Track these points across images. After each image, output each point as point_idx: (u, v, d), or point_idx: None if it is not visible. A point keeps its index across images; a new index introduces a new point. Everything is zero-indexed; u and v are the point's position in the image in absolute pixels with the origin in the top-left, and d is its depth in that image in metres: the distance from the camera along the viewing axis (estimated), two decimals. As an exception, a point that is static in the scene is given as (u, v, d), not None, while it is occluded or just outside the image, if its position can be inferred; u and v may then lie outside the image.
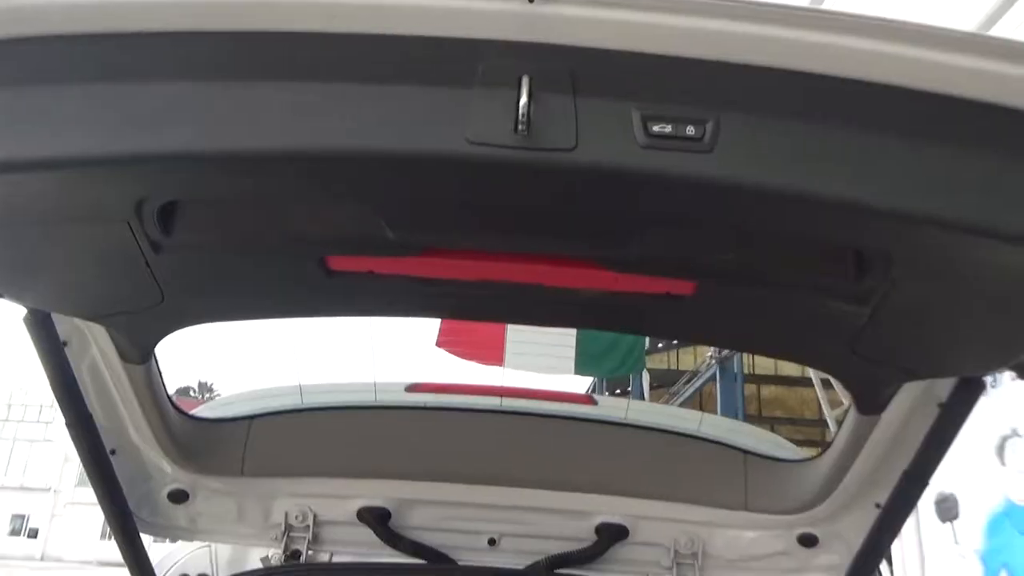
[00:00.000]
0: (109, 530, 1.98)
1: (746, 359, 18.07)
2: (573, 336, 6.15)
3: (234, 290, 1.40)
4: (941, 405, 1.52)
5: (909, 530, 8.82)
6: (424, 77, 0.93)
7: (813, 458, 1.92)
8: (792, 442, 2.15)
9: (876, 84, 0.90)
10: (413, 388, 2.09)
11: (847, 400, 1.74)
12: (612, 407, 2.10)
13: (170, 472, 1.92)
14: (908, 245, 0.99)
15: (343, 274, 1.28)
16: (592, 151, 0.90)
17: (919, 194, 0.89)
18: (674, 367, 19.69)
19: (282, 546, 2.01)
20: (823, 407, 9.76)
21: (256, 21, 0.94)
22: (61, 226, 1.12)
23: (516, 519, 2.05)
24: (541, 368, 5.82)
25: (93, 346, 1.64)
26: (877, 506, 1.74)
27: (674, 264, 1.16)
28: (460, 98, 0.91)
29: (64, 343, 1.55)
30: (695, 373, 16.11)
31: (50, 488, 45.98)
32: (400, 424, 2.05)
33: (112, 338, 1.59)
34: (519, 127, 0.88)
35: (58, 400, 1.60)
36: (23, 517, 46.14)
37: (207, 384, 48.72)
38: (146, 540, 1.96)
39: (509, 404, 2.06)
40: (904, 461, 1.61)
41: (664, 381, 17.43)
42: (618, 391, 16.58)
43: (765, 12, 0.92)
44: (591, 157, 0.90)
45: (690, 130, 0.89)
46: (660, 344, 22.60)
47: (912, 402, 1.60)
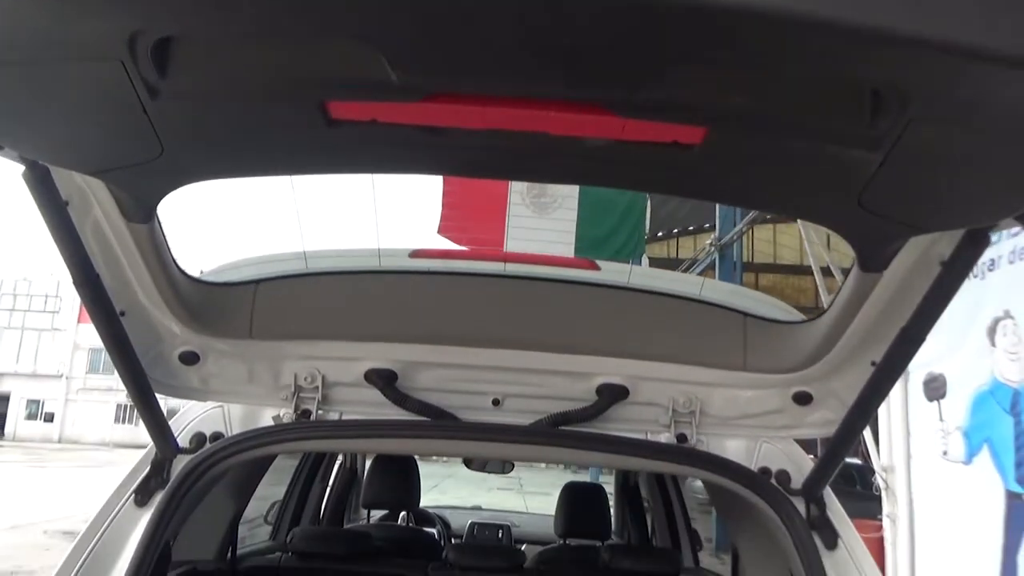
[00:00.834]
0: (122, 415, 2.04)
1: (745, 247, 18.17)
2: (573, 220, 6.13)
3: (233, 142, 1.37)
4: (943, 263, 1.53)
5: (896, 408, 9.13)
6: None
7: (812, 319, 1.95)
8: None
9: None
10: (417, 254, 2.10)
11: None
12: (615, 271, 2.11)
13: (180, 334, 1.96)
14: (926, 78, 0.96)
15: (344, 123, 1.25)
16: None
17: (940, 18, 0.86)
18: (673, 255, 19.81)
19: (292, 406, 2.07)
20: (820, 295, 9.87)
21: None
22: (55, 67, 1.09)
23: (519, 380, 2.10)
24: (544, 216, 5.85)
25: (95, 206, 1.64)
26: (872, 364, 1.77)
27: (685, 107, 1.14)
28: None
29: (66, 202, 1.55)
30: (694, 261, 16.21)
31: (62, 375, 47.21)
32: (405, 289, 2.07)
33: (114, 196, 1.58)
34: None
35: (64, 260, 1.60)
36: (38, 402, 47.62)
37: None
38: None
39: (512, 269, 2.08)
40: (902, 319, 1.63)
41: (663, 269, 17.57)
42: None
43: None
44: None
45: None
46: (660, 233, 22.66)
47: (914, 260, 1.61)
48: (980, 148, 1.10)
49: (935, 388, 8.59)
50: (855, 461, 13.78)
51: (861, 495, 9.36)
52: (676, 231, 23.57)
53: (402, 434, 2.07)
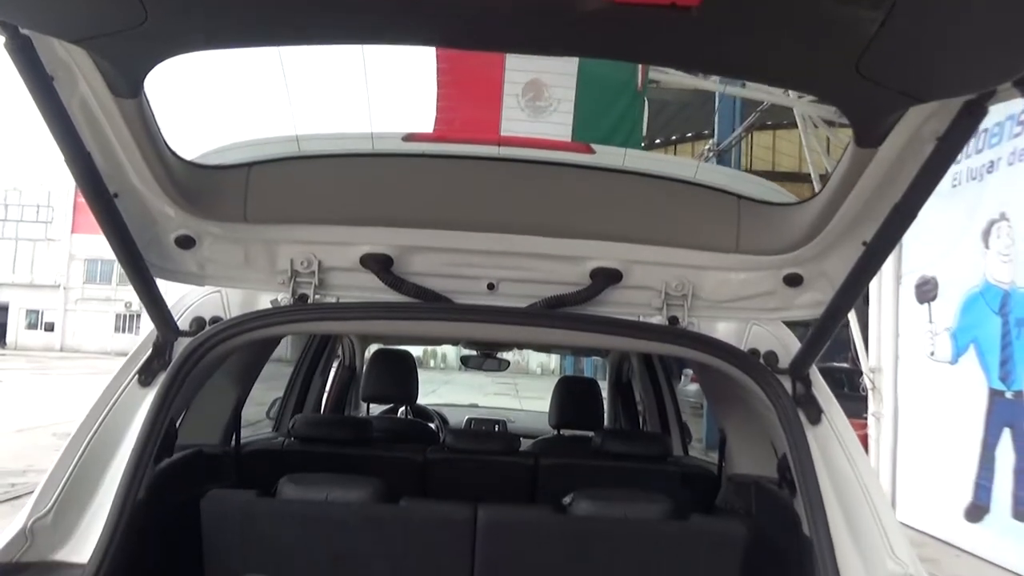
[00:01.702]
0: (122, 324, 2.06)
1: (743, 154, 17.98)
2: (571, 100, 6.01)
3: (219, 7, 1.33)
4: (939, 138, 1.52)
5: (887, 312, 9.25)
6: None
7: (806, 200, 1.95)
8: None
9: None
10: (410, 138, 2.07)
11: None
12: (609, 155, 2.10)
13: (174, 217, 1.95)
14: None
15: None
16: None
17: None
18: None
19: (290, 291, 2.09)
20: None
21: None
22: None
23: (514, 264, 2.11)
24: (539, 121, 5.77)
25: (81, 81, 1.60)
26: (863, 244, 1.78)
27: None
28: None
29: (51, 77, 1.52)
30: (692, 167, 16.00)
31: (59, 285, 47.38)
32: (399, 172, 2.06)
33: (99, 69, 1.55)
34: None
35: (54, 138, 1.58)
36: (37, 312, 47.98)
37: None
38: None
39: (507, 152, 2.06)
40: (895, 196, 1.64)
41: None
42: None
43: None
44: None
45: None
46: (658, 140, 22.34)
47: (909, 136, 1.60)
48: (980, 6, 1.08)
49: (926, 291, 8.70)
50: (843, 365, 14.09)
51: (848, 396, 9.55)
52: (674, 138, 23.27)
53: (400, 316, 2.10)
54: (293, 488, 2.13)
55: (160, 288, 2.03)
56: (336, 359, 5.00)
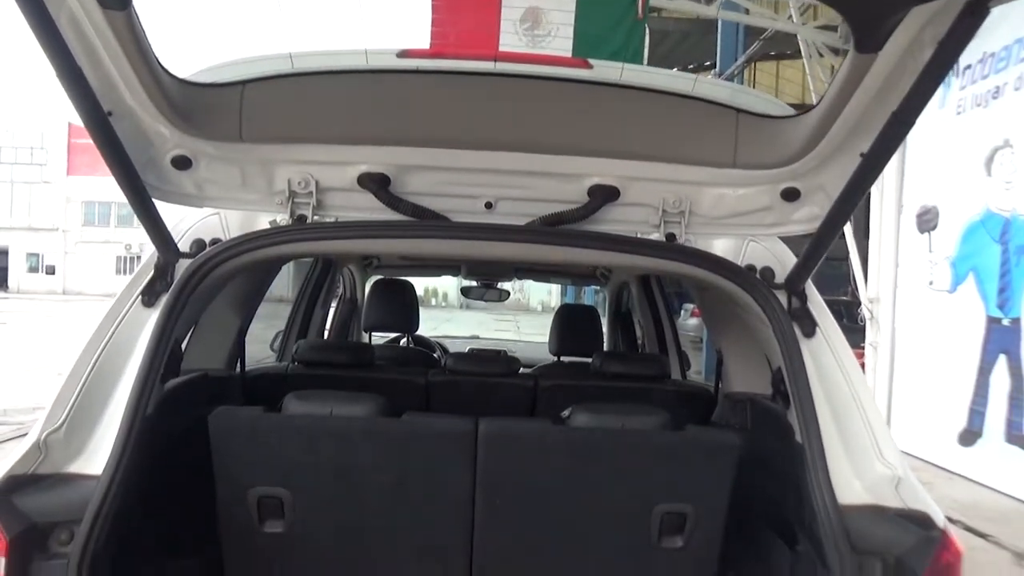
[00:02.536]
0: (123, 266, 2.06)
1: (746, 84, 17.68)
2: (571, 24, 5.89)
3: None
4: (939, 42, 1.50)
5: (888, 241, 9.25)
6: None
7: (804, 111, 1.93)
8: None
9: None
10: (405, 54, 2.04)
11: None
12: (607, 69, 2.07)
13: (170, 136, 1.94)
14: None
15: None
16: None
17: None
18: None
19: (288, 212, 2.09)
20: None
21: None
22: None
23: (512, 183, 2.11)
24: (537, 49, 5.67)
25: None
26: (861, 155, 1.78)
27: None
28: None
29: None
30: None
31: (58, 228, 47.27)
32: (395, 89, 2.03)
33: None
34: None
35: (45, 55, 1.57)
36: (37, 255, 48.01)
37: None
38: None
39: (504, 68, 2.03)
40: (893, 105, 1.63)
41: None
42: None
43: None
44: None
45: None
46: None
47: (909, 41, 1.58)
48: None
49: (927, 220, 8.68)
50: (843, 298, 14.16)
51: (846, 328, 9.66)
52: (675, 69, 22.86)
53: (399, 234, 2.11)
54: (298, 404, 2.18)
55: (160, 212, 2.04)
56: (337, 293, 5.04)
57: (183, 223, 2.20)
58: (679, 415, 2.30)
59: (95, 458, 1.76)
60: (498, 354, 4.68)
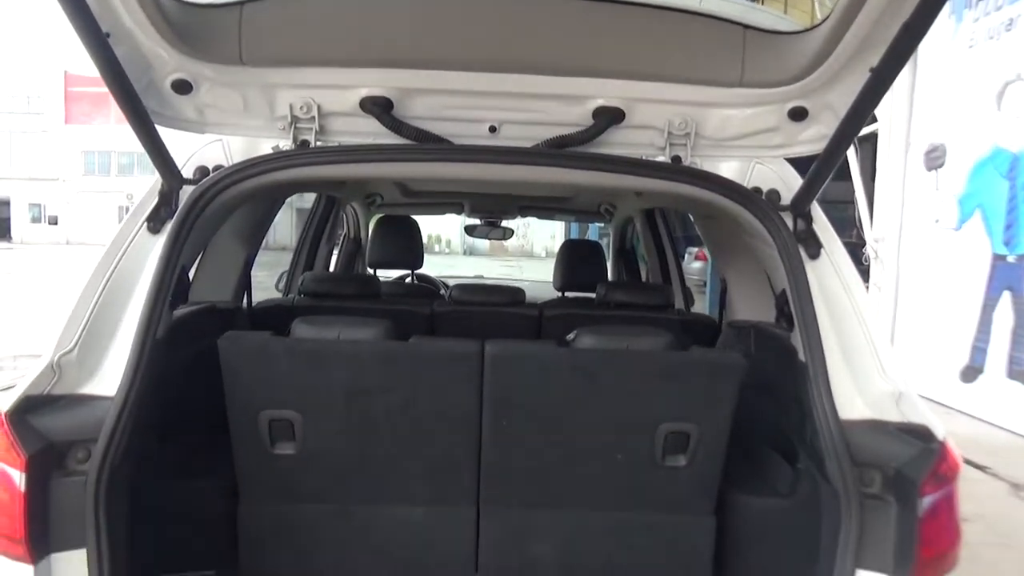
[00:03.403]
0: (125, 215, 2.04)
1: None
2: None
3: None
4: None
5: (895, 180, 9.17)
6: None
7: (813, 26, 1.89)
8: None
9: None
10: (405, -28, 2.00)
11: None
12: (612, -16, 2.02)
13: (169, 60, 1.91)
14: None
15: None
16: None
17: None
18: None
19: (291, 136, 2.07)
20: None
21: None
22: None
23: (516, 106, 2.08)
24: None
25: None
26: (870, 70, 1.74)
27: None
28: None
29: None
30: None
31: (58, 178, 47.01)
32: (395, 9, 1.99)
33: None
34: None
35: None
36: (39, 206, 47.86)
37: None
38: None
39: (506, -16, 1.98)
40: (904, 15, 1.59)
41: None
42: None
43: None
44: None
45: None
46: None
47: None
48: None
49: (935, 158, 8.59)
50: (849, 240, 14.12)
51: (851, 268, 9.58)
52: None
53: (403, 157, 2.10)
54: (306, 328, 2.19)
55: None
56: (341, 232, 5.04)
57: (185, 151, 2.18)
58: (683, 343, 2.31)
59: (107, 380, 1.78)
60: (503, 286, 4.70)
